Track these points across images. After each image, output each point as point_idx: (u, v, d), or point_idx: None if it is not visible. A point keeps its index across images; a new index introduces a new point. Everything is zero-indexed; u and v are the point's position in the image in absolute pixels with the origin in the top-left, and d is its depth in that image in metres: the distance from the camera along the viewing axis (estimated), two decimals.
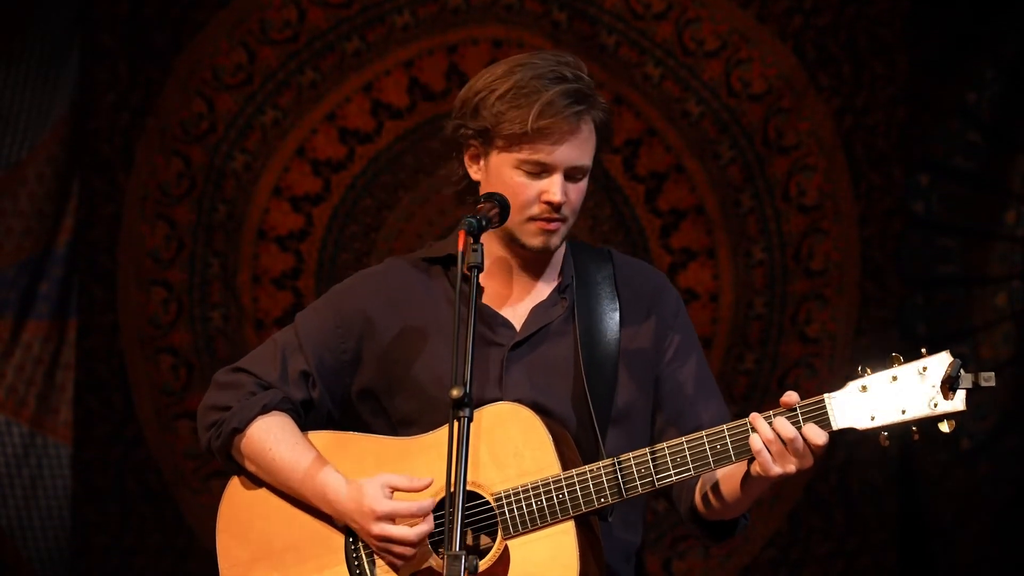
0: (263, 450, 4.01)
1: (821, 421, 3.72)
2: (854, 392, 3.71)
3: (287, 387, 4.06)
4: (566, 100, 3.87)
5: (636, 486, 3.82)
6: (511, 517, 3.86)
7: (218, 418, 4.05)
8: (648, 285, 4.11)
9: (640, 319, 4.06)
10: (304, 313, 4.15)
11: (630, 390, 4.01)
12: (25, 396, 7.27)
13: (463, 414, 3.62)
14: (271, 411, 4.03)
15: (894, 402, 3.67)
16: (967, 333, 6.91)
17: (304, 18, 7.14)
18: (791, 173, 6.96)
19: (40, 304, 7.29)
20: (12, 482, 7.23)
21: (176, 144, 7.20)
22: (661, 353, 4.06)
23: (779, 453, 3.72)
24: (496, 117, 3.89)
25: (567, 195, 3.92)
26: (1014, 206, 6.91)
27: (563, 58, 3.95)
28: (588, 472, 3.83)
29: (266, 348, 4.14)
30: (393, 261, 4.18)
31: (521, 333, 4.02)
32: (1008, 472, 6.84)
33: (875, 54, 6.90)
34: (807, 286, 6.97)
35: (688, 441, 3.81)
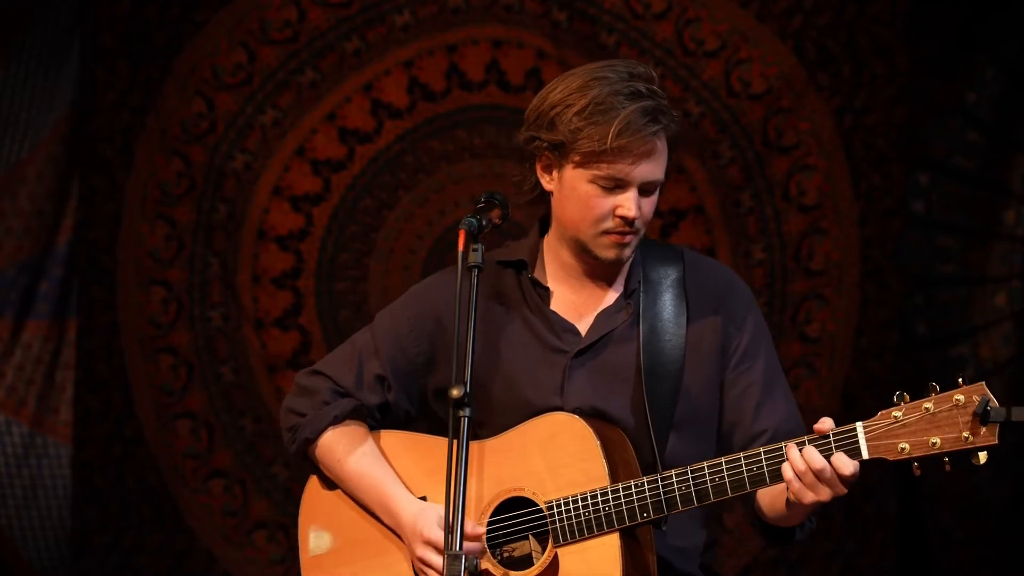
0: (333, 460, 4.11)
1: (851, 450, 3.74)
2: (886, 422, 3.71)
3: (362, 392, 4.13)
4: (644, 118, 3.89)
5: (676, 503, 3.86)
6: (561, 526, 3.92)
7: (295, 423, 4.15)
8: (717, 286, 4.12)
9: (707, 321, 4.07)
10: (382, 314, 4.21)
11: (694, 395, 4.03)
12: (25, 396, 7.27)
13: (463, 414, 3.65)
14: (342, 421, 4.12)
15: (926, 433, 3.67)
16: (967, 333, 6.91)
17: (304, 18, 7.14)
18: (791, 173, 6.96)
19: (40, 304, 7.29)
20: (12, 482, 7.23)
21: (176, 144, 7.20)
22: (727, 355, 4.07)
23: (811, 483, 3.75)
24: (573, 133, 3.91)
25: (640, 209, 3.95)
26: (1014, 206, 6.91)
27: (636, 69, 3.96)
28: (632, 487, 3.88)
29: (345, 350, 4.20)
30: None
31: (585, 340, 4.05)
32: (1008, 472, 6.83)
33: (875, 54, 6.90)
34: (807, 286, 6.97)
35: (727, 462, 3.84)
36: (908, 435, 3.68)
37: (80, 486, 7.19)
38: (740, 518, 6.90)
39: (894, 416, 3.69)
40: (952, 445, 3.64)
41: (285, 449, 4.21)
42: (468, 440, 3.67)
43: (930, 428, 3.66)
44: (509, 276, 4.13)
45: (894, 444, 3.69)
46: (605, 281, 4.09)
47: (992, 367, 6.89)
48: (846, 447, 3.74)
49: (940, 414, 3.66)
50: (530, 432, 3.98)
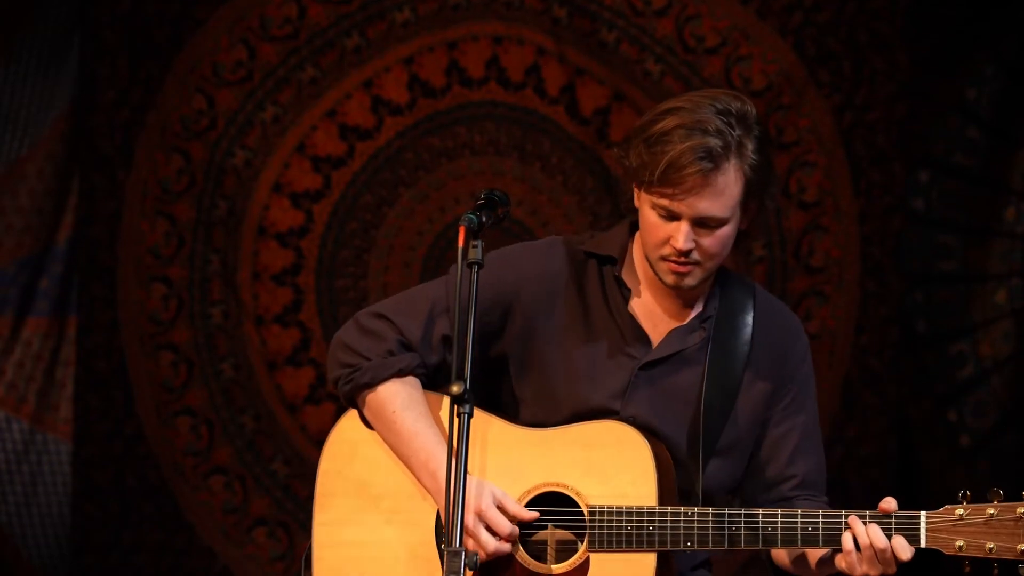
0: (387, 411, 4.06)
1: (911, 536, 3.87)
2: (950, 518, 3.85)
3: (427, 349, 4.10)
4: (695, 155, 3.87)
5: (724, 541, 3.94)
6: (599, 532, 3.94)
7: (354, 363, 4.10)
8: (782, 331, 4.16)
9: (766, 363, 4.11)
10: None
11: (739, 427, 4.09)
12: (25, 393, 7.27)
13: (463, 410, 3.65)
14: (405, 376, 4.08)
15: (983, 537, 3.82)
16: (967, 330, 6.91)
17: (304, 14, 7.14)
18: (791, 169, 6.96)
19: (40, 301, 7.29)
20: (12, 479, 7.23)
21: (176, 140, 7.20)
22: (776, 398, 4.12)
23: (869, 559, 3.87)
24: (638, 159, 3.94)
25: (697, 242, 3.95)
26: (1014, 203, 6.91)
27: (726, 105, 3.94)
28: (682, 515, 3.93)
29: (415, 300, 4.15)
30: (557, 242, 4.19)
31: (655, 353, 4.07)
32: (1008, 469, 6.84)
33: (875, 50, 6.90)
34: (807, 283, 6.97)
35: (783, 515, 3.92)
36: (967, 535, 3.84)
37: (80, 483, 7.19)
38: None
39: (958, 514, 3.85)
40: (1005, 554, 3.82)
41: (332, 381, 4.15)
42: (468, 437, 3.66)
43: (988, 533, 3.82)
44: (592, 268, 4.14)
45: (952, 541, 3.84)
46: (685, 298, 4.11)
47: (992, 364, 6.90)
48: (906, 532, 3.88)
49: (1001, 522, 3.82)
50: (586, 433, 4.00)
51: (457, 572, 3.57)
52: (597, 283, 4.12)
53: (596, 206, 7.07)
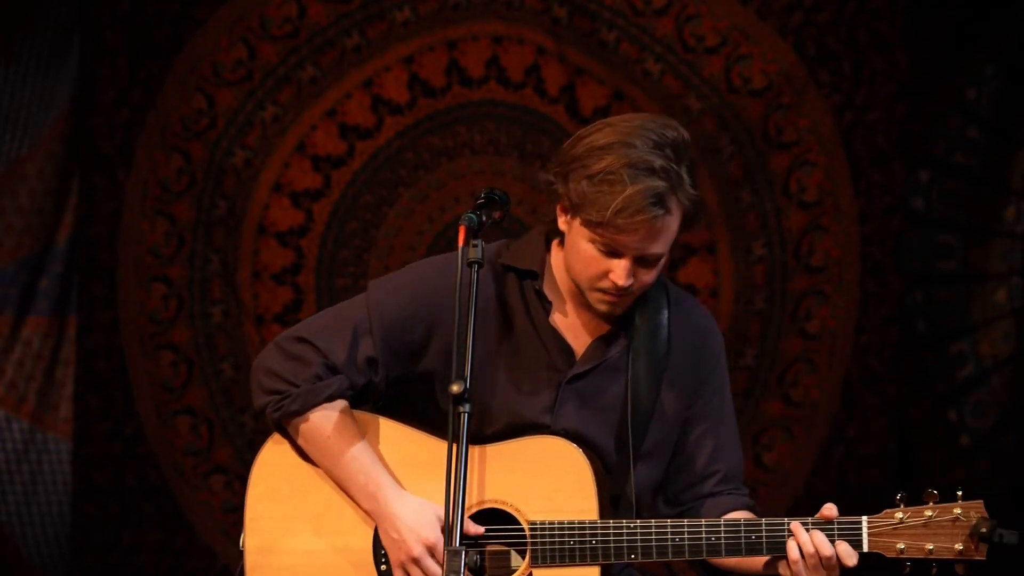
0: (322, 437, 4.04)
1: (853, 541, 3.92)
2: (890, 521, 3.92)
3: (353, 372, 4.08)
4: (647, 200, 3.86)
5: (667, 552, 3.94)
6: (542, 548, 3.94)
7: (282, 390, 4.06)
8: (697, 330, 4.17)
9: (684, 363, 4.13)
10: (379, 287, 4.16)
11: (661, 429, 4.10)
12: (25, 392, 7.27)
13: (463, 410, 3.65)
14: (335, 400, 4.05)
15: (923, 539, 3.89)
16: (967, 330, 6.91)
17: (304, 14, 7.14)
18: (791, 169, 6.96)
19: (40, 300, 7.29)
20: (12, 478, 7.23)
21: (176, 140, 7.20)
22: (696, 397, 4.14)
23: (814, 565, 3.90)
24: (580, 196, 3.90)
25: (636, 276, 3.95)
26: (1014, 202, 6.91)
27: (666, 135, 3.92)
28: (624, 528, 3.93)
29: (336, 322, 4.12)
30: None
31: (580, 366, 4.07)
32: (1008, 469, 6.84)
33: (875, 50, 6.90)
34: (807, 282, 6.97)
35: (725, 525, 3.93)
36: (907, 537, 3.90)
37: (80, 483, 7.19)
38: None
39: (897, 517, 3.90)
40: (944, 554, 3.89)
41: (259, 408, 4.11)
42: (468, 437, 3.66)
43: (927, 535, 3.90)
44: (512, 281, 4.12)
45: (893, 543, 3.90)
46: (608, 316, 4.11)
47: (992, 364, 6.89)
48: (849, 537, 3.92)
49: (940, 523, 3.90)
50: (521, 449, 3.98)
51: (457, 572, 3.57)
52: (518, 296, 4.10)
53: None
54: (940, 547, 3.88)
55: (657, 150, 3.89)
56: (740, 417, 6.97)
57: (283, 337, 4.12)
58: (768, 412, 6.97)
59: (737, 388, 6.96)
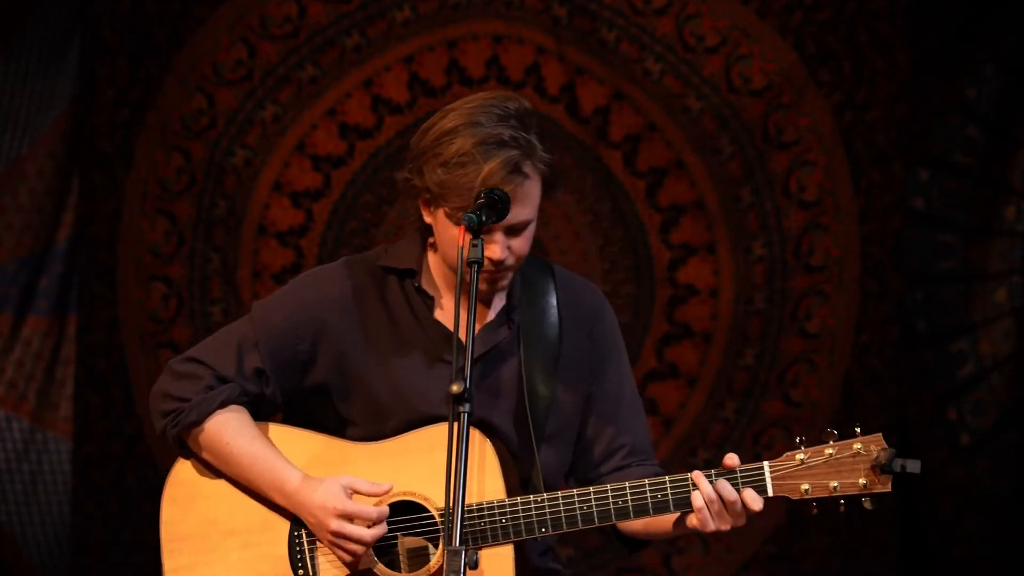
0: (221, 442, 4.10)
1: (758, 487, 3.94)
2: (791, 464, 3.93)
3: (243, 381, 4.12)
4: (506, 170, 3.91)
5: (577, 522, 3.96)
6: None
7: (176, 408, 4.13)
8: (587, 307, 4.21)
9: (579, 341, 4.16)
10: (261, 306, 4.20)
11: (563, 410, 4.13)
12: (25, 391, 7.27)
13: (463, 409, 3.67)
14: (229, 405, 4.11)
15: (826, 477, 3.94)
16: (967, 329, 6.91)
17: (304, 13, 7.14)
18: (791, 169, 6.96)
19: (40, 300, 7.29)
20: (12, 477, 7.23)
21: (176, 140, 7.20)
22: (594, 375, 4.17)
23: (718, 513, 3.93)
24: (439, 185, 3.94)
25: (511, 249, 3.99)
26: (1014, 202, 6.91)
27: (508, 107, 3.96)
28: (532, 503, 3.96)
29: (221, 339, 4.18)
30: (351, 262, 4.22)
31: None
32: (1008, 468, 6.84)
33: (875, 50, 6.90)
34: (807, 282, 6.97)
35: (631, 486, 3.95)
36: (810, 477, 3.94)
37: (80, 482, 7.19)
38: None
39: (799, 459, 3.93)
40: (849, 490, 3.95)
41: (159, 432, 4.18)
42: (468, 435, 3.67)
43: (830, 472, 3.94)
44: (393, 282, 4.16)
45: (797, 485, 3.94)
46: (487, 297, 4.14)
47: (992, 363, 6.90)
48: (752, 483, 3.94)
49: (841, 460, 3.94)
50: (423, 439, 4.01)
51: (457, 572, 3.58)
52: (400, 297, 4.14)
53: (596, 204, 7.07)
54: (844, 483, 3.93)
55: (503, 123, 3.93)
56: (740, 417, 6.98)
57: (173, 360, 4.21)
58: (768, 412, 6.98)
59: (737, 388, 6.96)
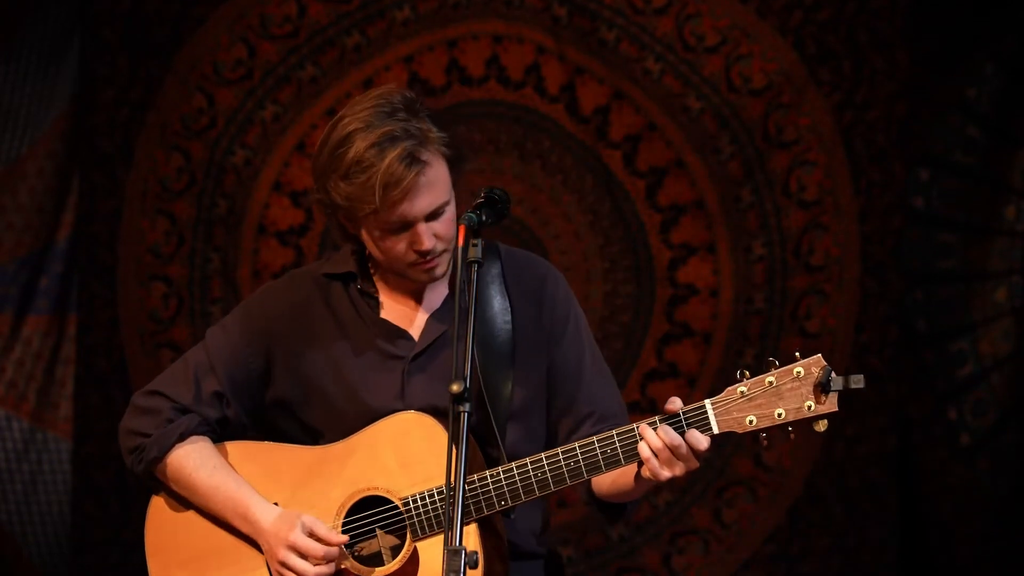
0: (183, 475, 4.17)
1: (702, 426, 3.88)
2: (733, 397, 3.88)
3: (202, 407, 4.19)
4: (402, 164, 3.94)
5: (534, 489, 3.97)
6: (419, 520, 4.00)
7: (139, 443, 4.23)
8: (534, 278, 4.21)
9: (530, 313, 4.17)
10: (213, 331, 4.26)
11: (526, 386, 4.14)
12: (25, 391, 7.27)
13: (463, 409, 3.67)
14: (188, 436, 4.18)
15: (771, 405, 3.85)
16: (967, 328, 6.91)
17: (304, 13, 7.14)
18: (791, 168, 6.96)
19: (40, 299, 7.30)
20: (12, 477, 7.23)
21: (176, 139, 7.20)
22: (551, 344, 4.18)
23: (666, 460, 3.87)
24: (347, 198, 3.99)
25: (435, 234, 4.02)
26: (1014, 201, 6.91)
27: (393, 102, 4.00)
28: (489, 477, 3.97)
29: (179, 369, 4.25)
30: (295, 275, 4.29)
31: (419, 344, 4.14)
32: (1008, 468, 6.84)
33: (875, 49, 6.90)
34: (807, 281, 6.97)
35: (581, 446, 3.94)
36: (754, 408, 3.86)
37: (80, 481, 7.19)
38: (737, 514, 6.91)
39: (740, 391, 3.87)
40: (796, 415, 3.84)
41: (129, 469, 4.28)
42: (468, 435, 3.68)
43: (775, 400, 3.85)
44: (337, 288, 4.21)
45: (742, 418, 3.87)
46: (431, 284, 4.17)
47: (992, 363, 6.90)
48: (697, 424, 3.88)
49: (783, 386, 3.85)
50: (378, 433, 4.05)
51: (457, 571, 3.58)
52: (345, 300, 4.19)
53: (596, 204, 7.07)
54: (790, 409, 3.84)
55: (391, 118, 3.97)
56: None
57: (136, 395, 4.29)
58: None
59: None
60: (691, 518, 6.93)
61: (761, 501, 6.90)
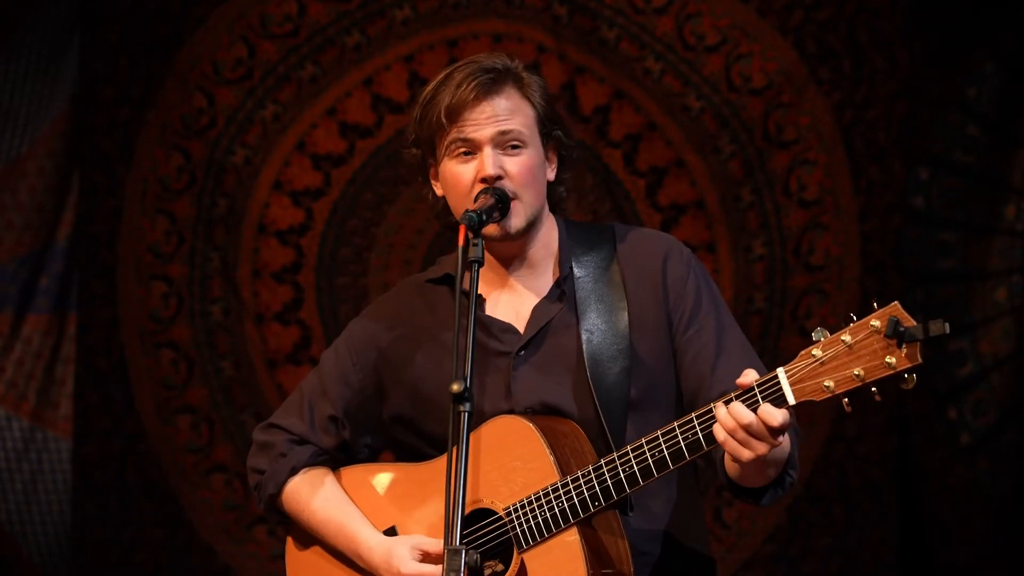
0: (298, 511, 4.12)
1: (776, 398, 3.58)
2: (807, 362, 3.54)
3: (317, 436, 4.14)
4: (474, 78, 3.92)
5: (624, 485, 3.79)
6: (521, 531, 3.86)
7: (258, 482, 4.17)
8: (652, 257, 4.02)
9: (648, 294, 3.99)
10: (326, 354, 4.21)
11: (646, 374, 3.95)
12: (25, 390, 7.27)
13: (463, 408, 3.64)
14: (301, 470, 4.13)
15: (848, 367, 3.48)
16: (967, 328, 6.91)
17: (304, 12, 7.14)
18: (791, 168, 6.96)
19: (40, 298, 7.30)
20: (12, 476, 7.23)
21: (176, 138, 7.20)
22: (675, 325, 3.98)
23: (743, 439, 3.60)
24: (423, 120, 3.96)
25: (503, 167, 3.92)
26: (1014, 200, 6.91)
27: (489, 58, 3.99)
28: (580, 477, 3.81)
29: (294, 399, 4.21)
30: (401, 285, 4.22)
31: (525, 336, 4.00)
32: (1008, 468, 6.84)
33: (875, 48, 6.90)
34: (807, 281, 6.97)
35: (664, 434, 3.73)
36: (830, 372, 3.50)
37: (80, 481, 7.20)
38: (737, 514, 6.91)
39: (813, 355, 3.51)
40: (876, 373, 3.45)
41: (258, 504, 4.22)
42: (469, 435, 3.63)
43: (851, 361, 3.47)
44: (441, 293, 4.12)
45: (819, 383, 3.51)
46: (533, 272, 4.06)
47: (992, 362, 6.90)
48: (772, 396, 3.56)
49: (858, 344, 3.47)
50: (478, 441, 3.91)
51: (457, 571, 3.57)
52: (451, 304, 4.06)
53: (596, 204, 7.07)
54: (870, 367, 3.45)
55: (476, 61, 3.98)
56: None
57: (255, 430, 4.23)
58: None
59: None
60: None
61: None
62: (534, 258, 4.06)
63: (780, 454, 3.72)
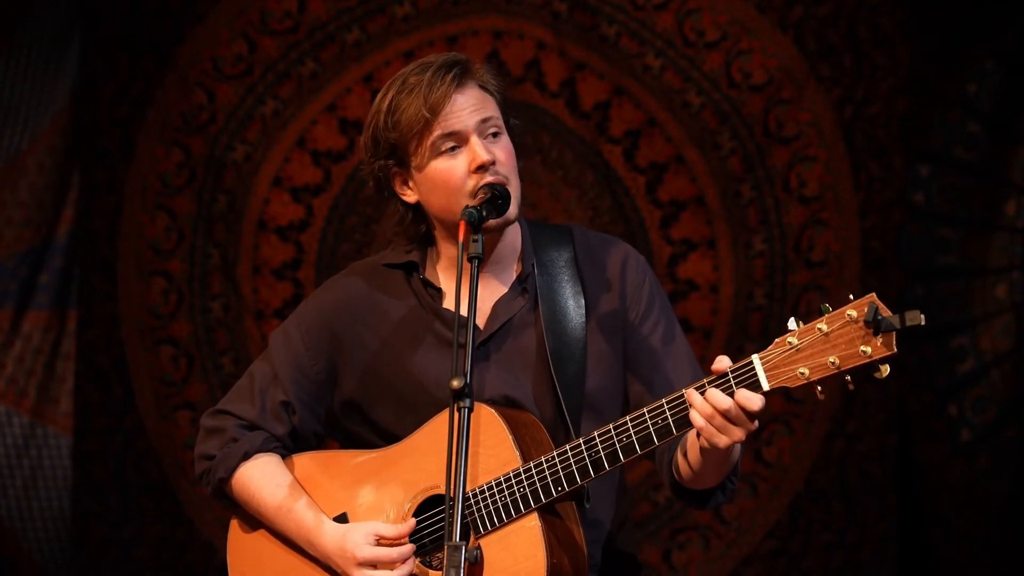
0: (248, 497, 4.10)
1: (751, 384, 3.63)
2: (782, 349, 3.59)
3: (268, 422, 4.11)
4: (443, 72, 3.94)
5: (588, 471, 3.81)
6: (480, 516, 3.88)
7: (206, 468, 4.14)
8: (610, 261, 4.09)
9: (605, 298, 4.05)
10: (275, 337, 4.18)
11: (600, 372, 4.01)
12: (25, 387, 7.27)
13: (463, 404, 3.64)
14: (253, 455, 4.11)
15: (823, 354, 3.53)
16: (967, 324, 6.91)
17: (304, 8, 7.14)
18: (791, 164, 6.96)
19: (40, 294, 7.30)
20: (12, 473, 7.23)
21: (176, 135, 7.20)
22: (627, 328, 4.04)
23: (720, 425, 3.65)
24: (395, 127, 3.97)
25: (493, 152, 3.94)
26: (1014, 197, 6.91)
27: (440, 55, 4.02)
28: (544, 463, 3.82)
29: (243, 384, 4.18)
30: (354, 267, 4.20)
31: (485, 331, 4.02)
32: (1008, 464, 6.84)
33: (875, 45, 6.90)
34: (807, 277, 6.97)
35: (632, 419, 3.76)
36: (806, 359, 3.55)
37: (80, 477, 7.20)
38: (737, 510, 6.91)
39: (789, 342, 3.57)
40: (851, 362, 3.51)
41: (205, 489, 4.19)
42: (468, 430, 3.63)
43: (827, 349, 3.52)
44: (398, 278, 4.11)
45: (793, 370, 3.56)
46: (496, 269, 4.07)
47: (992, 359, 6.90)
48: (746, 382, 3.62)
49: (834, 333, 3.52)
50: (436, 429, 3.93)
51: (457, 567, 3.57)
52: (407, 291, 4.09)
53: (596, 200, 7.07)
54: (844, 356, 3.51)
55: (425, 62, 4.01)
56: None
57: (203, 416, 4.20)
58: (769, 407, 6.96)
59: None
60: (691, 514, 6.93)
61: (761, 497, 6.90)
62: (500, 253, 4.07)
63: (735, 455, 3.82)
